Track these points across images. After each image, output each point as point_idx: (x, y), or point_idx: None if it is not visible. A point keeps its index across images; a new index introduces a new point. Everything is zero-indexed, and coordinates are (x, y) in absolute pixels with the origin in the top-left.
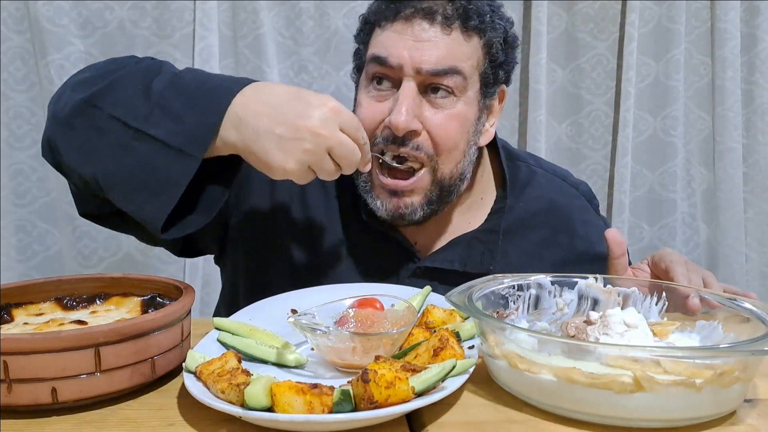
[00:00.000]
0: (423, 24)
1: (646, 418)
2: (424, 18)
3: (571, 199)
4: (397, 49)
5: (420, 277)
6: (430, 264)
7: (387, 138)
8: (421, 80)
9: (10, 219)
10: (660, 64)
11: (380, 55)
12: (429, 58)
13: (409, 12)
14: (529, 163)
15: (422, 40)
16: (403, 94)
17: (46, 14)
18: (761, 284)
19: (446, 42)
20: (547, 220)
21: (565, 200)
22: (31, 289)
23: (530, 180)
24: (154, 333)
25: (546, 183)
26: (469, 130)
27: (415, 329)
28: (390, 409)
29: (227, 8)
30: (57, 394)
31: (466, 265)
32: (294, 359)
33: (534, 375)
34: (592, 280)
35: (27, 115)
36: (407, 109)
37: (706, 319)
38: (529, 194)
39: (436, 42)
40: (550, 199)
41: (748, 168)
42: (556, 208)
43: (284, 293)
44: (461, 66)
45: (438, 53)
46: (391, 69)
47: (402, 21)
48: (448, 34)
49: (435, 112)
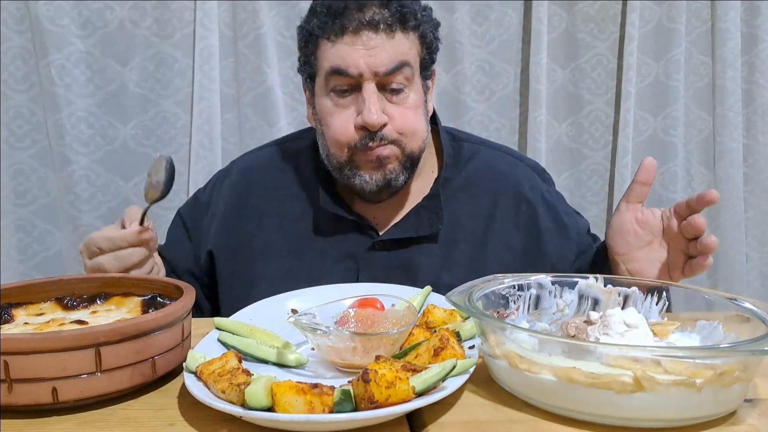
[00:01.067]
0: (369, 34)
1: (647, 418)
2: (368, 29)
3: (514, 168)
4: (353, 59)
5: (379, 249)
6: (387, 237)
7: (363, 136)
8: (379, 80)
9: (10, 219)
10: (660, 64)
11: (340, 68)
12: (382, 61)
13: (355, 25)
14: (473, 142)
15: (372, 48)
16: (368, 95)
17: (47, 14)
18: (761, 284)
19: (392, 44)
20: (492, 186)
21: (508, 168)
22: (32, 289)
23: (473, 155)
24: (155, 333)
25: (489, 155)
26: (422, 113)
27: (415, 329)
28: (390, 408)
29: (227, 8)
30: (57, 394)
31: (418, 231)
32: (294, 359)
33: (534, 375)
34: (593, 280)
35: (27, 115)
36: (375, 108)
37: (706, 319)
38: (472, 166)
39: (384, 46)
40: (493, 167)
41: (749, 168)
42: (500, 173)
43: (284, 293)
44: (408, 59)
45: (388, 55)
46: (351, 78)
47: (350, 34)
48: (392, 37)
49: (395, 107)
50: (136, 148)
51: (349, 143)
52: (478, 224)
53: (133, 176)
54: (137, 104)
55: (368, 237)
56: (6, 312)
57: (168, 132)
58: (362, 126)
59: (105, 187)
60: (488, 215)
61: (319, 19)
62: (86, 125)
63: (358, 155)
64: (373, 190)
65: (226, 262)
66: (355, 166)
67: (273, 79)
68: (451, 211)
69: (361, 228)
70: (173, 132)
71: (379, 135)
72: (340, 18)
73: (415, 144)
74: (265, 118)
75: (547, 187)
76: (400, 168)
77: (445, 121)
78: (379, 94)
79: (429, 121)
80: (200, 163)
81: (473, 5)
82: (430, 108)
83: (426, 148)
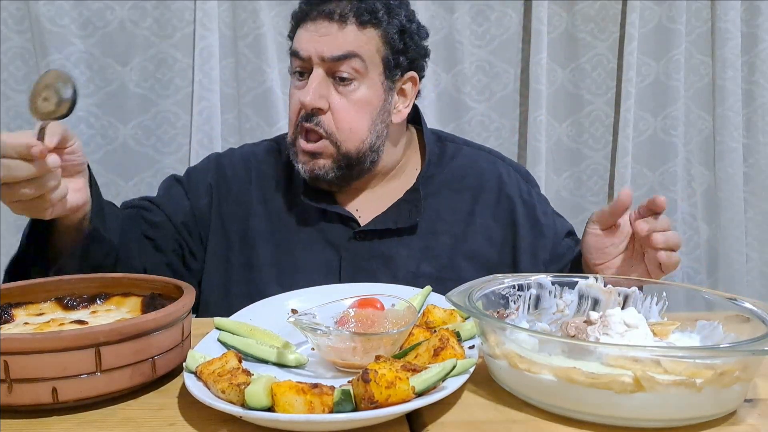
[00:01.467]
0: (323, 22)
1: (647, 418)
2: (324, 18)
3: (495, 166)
4: (306, 44)
5: (361, 239)
6: (368, 228)
7: (302, 117)
8: (327, 67)
9: (11, 219)
10: (660, 64)
11: (295, 50)
12: (328, 47)
13: (314, 14)
14: (456, 142)
15: (323, 35)
16: (311, 78)
17: (47, 14)
18: (761, 284)
19: (342, 34)
20: (473, 183)
21: (490, 166)
22: (32, 289)
23: (456, 154)
24: (155, 333)
25: (471, 154)
26: (372, 111)
27: (415, 329)
28: (390, 408)
29: (227, 8)
30: (57, 394)
31: (397, 222)
32: (294, 359)
33: (534, 375)
34: (593, 280)
35: (27, 115)
36: (313, 90)
37: (706, 319)
38: (455, 164)
39: (334, 35)
40: (475, 166)
41: (749, 168)
42: (482, 171)
43: (284, 293)
44: (358, 50)
45: (336, 43)
46: (303, 61)
47: (310, 21)
48: (343, 28)
49: (340, 97)
50: (136, 148)
51: (295, 123)
52: (459, 218)
53: (133, 176)
54: (137, 104)
55: (350, 228)
56: (6, 312)
57: (168, 132)
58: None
59: (105, 187)
60: (469, 210)
61: (299, 9)
62: (86, 125)
63: (298, 142)
64: (307, 179)
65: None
66: (295, 151)
67: (273, 79)
68: (433, 205)
69: (343, 219)
70: (173, 132)
71: (315, 120)
72: (309, 7)
73: (351, 144)
74: (265, 118)
75: (527, 188)
76: (332, 165)
77: (445, 121)
78: (327, 80)
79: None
80: None
81: (473, 5)
82: (402, 114)
83: (407, 148)
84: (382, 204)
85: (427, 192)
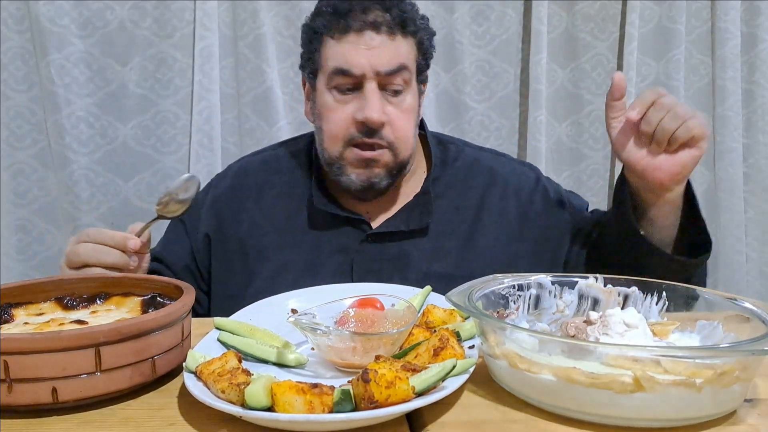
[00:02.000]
0: (371, 34)
1: (646, 418)
2: (371, 29)
3: (496, 162)
4: (357, 59)
5: (372, 242)
6: (379, 230)
7: (361, 131)
8: (380, 80)
9: (10, 219)
10: (660, 64)
11: (343, 68)
12: (383, 61)
13: (359, 25)
14: (457, 144)
15: (374, 47)
16: (370, 93)
17: (47, 14)
18: (761, 284)
19: (393, 46)
20: (478, 181)
21: (492, 163)
22: (32, 289)
23: (459, 155)
24: (155, 333)
25: (472, 154)
26: (415, 118)
27: (415, 329)
28: (390, 408)
29: (227, 8)
30: (57, 394)
31: (409, 224)
32: (294, 359)
33: (534, 375)
34: (593, 280)
35: (27, 115)
36: (378, 105)
37: (706, 319)
38: (458, 165)
39: (386, 47)
40: (478, 164)
41: (749, 168)
42: (485, 169)
43: (284, 293)
44: (407, 62)
45: (389, 56)
46: (354, 78)
47: (354, 33)
48: (393, 39)
49: (393, 108)
50: (136, 148)
51: (345, 138)
52: (467, 217)
53: (133, 176)
54: (137, 104)
55: (361, 231)
56: (6, 312)
57: (168, 132)
58: (362, 122)
59: (105, 187)
60: (476, 208)
61: (325, 18)
62: (86, 125)
63: (351, 152)
64: (357, 189)
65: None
66: (345, 164)
67: (273, 79)
68: (441, 206)
69: (353, 222)
70: (173, 132)
71: (377, 134)
72: (345, 18)
73: (405, 151)
74: (265, 118)
75: (534, 175)
76: (386, 173)
77: (445, 121)
78: (380, 92)
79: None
80: (200, 163)
81: (473, 5)
82: (421, 113)
83: (416, 152)
84: (391, 206)
85: (435, 194)
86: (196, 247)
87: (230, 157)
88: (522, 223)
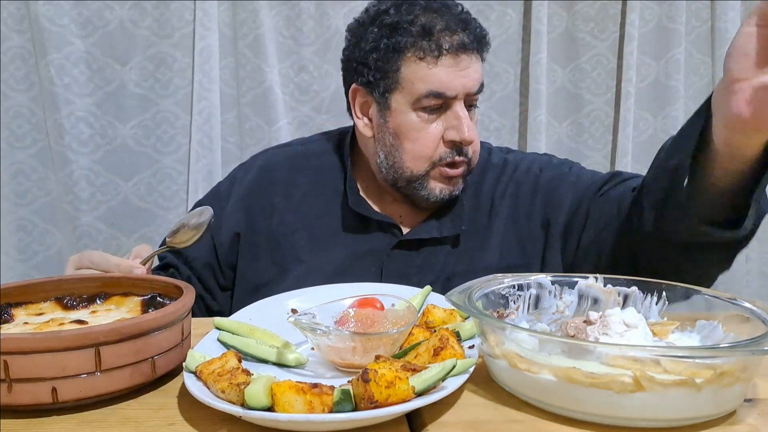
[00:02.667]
0: (462, 56)
1: (646, 418)
2: (463, 51)
3: (505, 155)
4: (452, 83)
5: (403, 248)
6: (411, 237)
7: (452, 150)
8: (466, 99)
9: (10, 219)
10: (660, 63)
11: (439, 92)
12: (473, 82)
13: (453, 48)
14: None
15: (465, 69)
16: (462, 113)
17: (47, 14)
18: (761, 284)
19: (478, 65)
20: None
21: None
22: (32, 289)
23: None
24: (154, 333)
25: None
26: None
27: (415, 329)
28: (390, 408)
29: (227, 8)
30: (57, 394)
31: (441, 231)
32: (294, 359)
33: (534, 375)
34: (593, 280)
35: (27, 115)
36: (471, 126)
37: (706, 319)
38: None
39: (473, 68)
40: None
41: None
42: (512, 168)
43: (284, 293)
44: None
45: (477, 77)
46: (445, 98)
47: (449, 56)
48: (477, 59)
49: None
50: (135, 148)
51: (434, 157)
52: (484, 212)
53: (133, 176)
54: (137, 104)
55: (392, 235)
56: (6, 312)
57: (168, 132)
58: (458, 142)
59: (104, 187)
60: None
61: (410, 37)
62: (86, 125)
63: (438, 170)
64: (438, 201)
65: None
66: (428, 179)
67: (273, 79)
68: (474, 217)
69: (384, 227)
70: (173, 132)
71: (465, 150)
72: (435, 39)
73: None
74: (264, 118)
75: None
76: (462, 182)
77: None
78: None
79: None
80: (200, 163)
81: (473, 5)
82: None
83: None
84: (421, 213)
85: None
86: (219, 242)
87: (230, 157)
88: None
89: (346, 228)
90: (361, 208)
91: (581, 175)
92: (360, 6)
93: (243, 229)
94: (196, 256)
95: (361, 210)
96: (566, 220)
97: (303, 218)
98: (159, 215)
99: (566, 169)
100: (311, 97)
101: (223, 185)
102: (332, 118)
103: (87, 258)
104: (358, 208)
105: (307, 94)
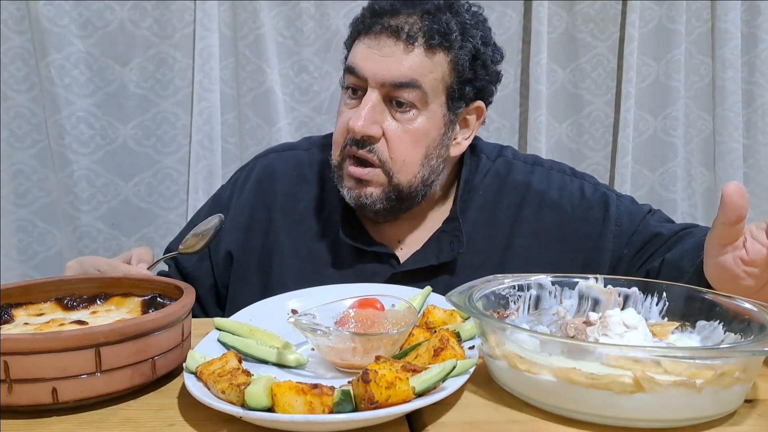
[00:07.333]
0: (388, 41)
1: (647, 419)
2: (390, 35)
3: (529, 175)
4: (364, 62)
5: (396, 281)
6: (408, 267)
7: (350, 140)
8: (385, 92)
9: (11, 219)
10: (660, 64)
11: (351, 66)
12: (390, 71)
13: (378, 28)
14: (490, 159)
15: (386, 56)
16: (364, 101)
17: (47, 14)
18: None
19: (407, 57)
20: (510, 201)
21: (522, 176)
22: (32, 289)
23: (488, 171)
24: (155, 333)
25: (503, 168)
26: (428, 144)
27: (415, 329)
28: (390, 409)
29: (227, 8)
30: (57, 394)
31: (439, 258)
32: (294, 359)
33: (534, 375)
34: (593, 280)
35: (27, 115)
36: (365, 115)
37: (706, 319)
38: (487, 182)
39: (397, 58)
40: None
41: (749, 168)
42: (516, 185)
43: (284, 293)
44: (421, 80)
45: (398, 67)
46: (359, 79)
47: (372, 36)
48: (409, 51)
49: (395, 123)
50: (136, 148)
51: (341, 145)
52: (498, 244)
53: (133, 176)
54: (137, 104)
55: (388, 266)
56: (6, 312)
57: (168, 132)
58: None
59: (105, 188)
60: (508, 234)
61: (362, 16)
62: (86, 125)
63: (346, 164)
64: (355, 206)
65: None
66: (342, 174)
67: (273, 79)
68: (471, 234)
69: (380, 258)
70: (173, 132)
71: (368, 147)
72: (372, 18)
73: (403, 176)
74: (265, 118)
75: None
76: (381, 195)
77: None
78: (382, 104)
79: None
80: (200, 164)
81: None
82: (462, 147)
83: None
84: (422, 233)
85: (465, 219)
86: (215, 262)
87: (230, 158)
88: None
89: (340, 258)
90: (356, 239)
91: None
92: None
93: (236, 249)
94: (200, 283)
95: (356, 242)
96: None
97: (296, 243)
98: (159, 216)
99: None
100: (311, 97)
101: (224, 192)
102: (332, 118)
103: (90, 265)
104: (354, 240)
105: (308, 94)
